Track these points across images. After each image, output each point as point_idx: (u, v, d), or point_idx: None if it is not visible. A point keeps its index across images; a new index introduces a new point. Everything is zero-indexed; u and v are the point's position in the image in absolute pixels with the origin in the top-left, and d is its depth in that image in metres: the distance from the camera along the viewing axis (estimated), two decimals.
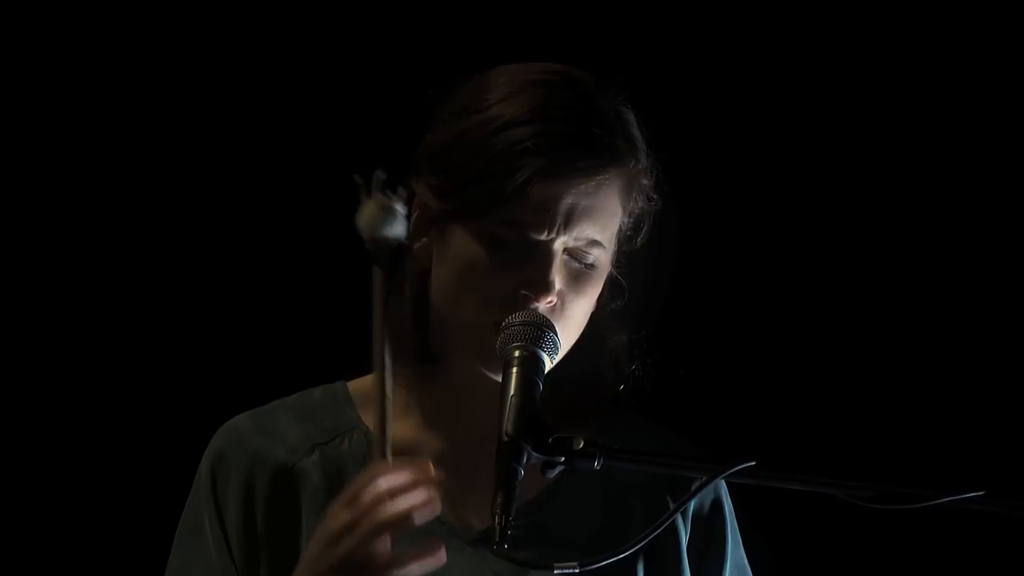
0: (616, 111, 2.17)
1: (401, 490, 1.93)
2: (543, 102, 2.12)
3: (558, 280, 2.11)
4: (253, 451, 2.22)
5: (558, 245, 2.11)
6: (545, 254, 2.11)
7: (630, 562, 2.18)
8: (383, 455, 1.99)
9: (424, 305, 2.18)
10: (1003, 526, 2.91)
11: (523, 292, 2.09)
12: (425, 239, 2.17)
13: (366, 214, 2.08)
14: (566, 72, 2.17)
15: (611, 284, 2.23)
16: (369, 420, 2.22)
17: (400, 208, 2.08)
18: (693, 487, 1.94)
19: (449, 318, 2.15)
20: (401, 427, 2.20)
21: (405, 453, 2.14)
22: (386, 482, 1.93)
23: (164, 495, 2.37)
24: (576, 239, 2.12)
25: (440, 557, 1.94)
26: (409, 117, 2.20)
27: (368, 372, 2.24)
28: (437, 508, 1.93)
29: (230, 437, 2.24)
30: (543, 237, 2.10)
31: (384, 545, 1.92)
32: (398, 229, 2.08)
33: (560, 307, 2.12)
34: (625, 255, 2.23)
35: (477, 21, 3.30)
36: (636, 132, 2.18)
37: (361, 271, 2.15)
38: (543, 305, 2.10)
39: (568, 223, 2.11)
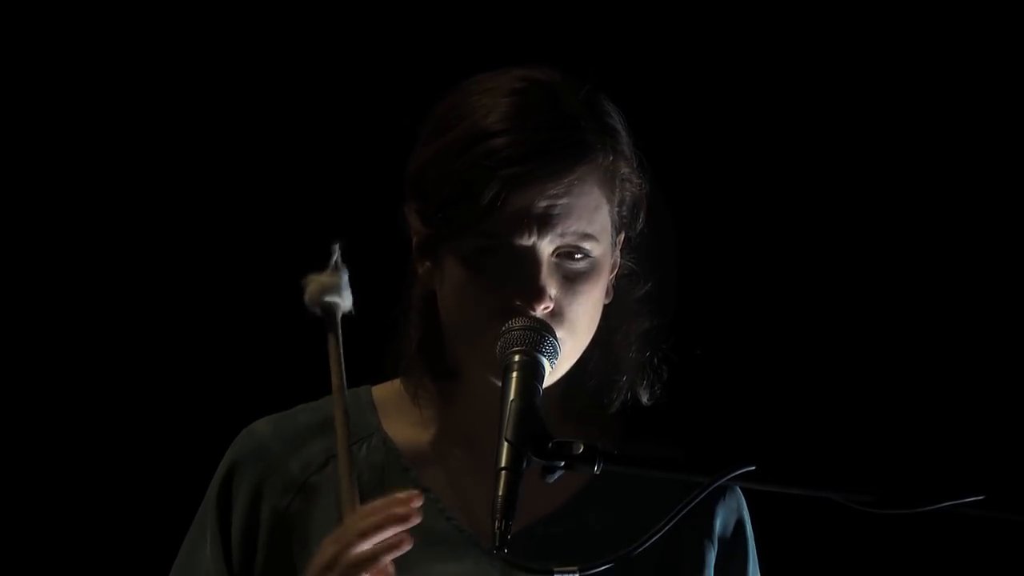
0: (587, 105, 2.15)
1: (379, 528, 1.96)
2: (506, 113, 2.11)
3: (551, 285, 2.10)
4: (268, 461, 2.23)
5: (544, 249, 2.10)
6: (532, 261, 2.10)
7: None
8: (351, 505, 2.05)
9: (434, 326, 2.19)
10: (1003, 529, 2.91)
11: (518, 303, 2.09)
12: (428, 263, 2.18)
13: (311, 288, 2.15)
14: (531, 77, 2.16)
15: (624, 273, 2.23)
16: (390, 427, 2.25)
17: (344, 280, 2.15)
18: (693, 493, 1.93)
19: (457, 337, 2.16)
20: (423, 439, 2.24)
21: (428, 464, 2.22)
22: (364, 523, 1.97)
23: (183, 496, 2.38)
24: (562, 237, 2.11)
25: None
26: (402, 139, 2.21)
27: (393, 378, 2.27)
28: (408, 544, 1.97)
29: (248, 445, 2.25)
30: (526, 244, 2.10)
31: None
32: (345, 298, 2.16)
33: (560, 311, 2.11)
34: (632, 241, 2.22)
35: (472, 22, 3.31)
36: (612, 121, 2.17)
37: (371, 274, 2.18)
38: (540, 312, 2.09)
39: (548, 226, 2.10)
